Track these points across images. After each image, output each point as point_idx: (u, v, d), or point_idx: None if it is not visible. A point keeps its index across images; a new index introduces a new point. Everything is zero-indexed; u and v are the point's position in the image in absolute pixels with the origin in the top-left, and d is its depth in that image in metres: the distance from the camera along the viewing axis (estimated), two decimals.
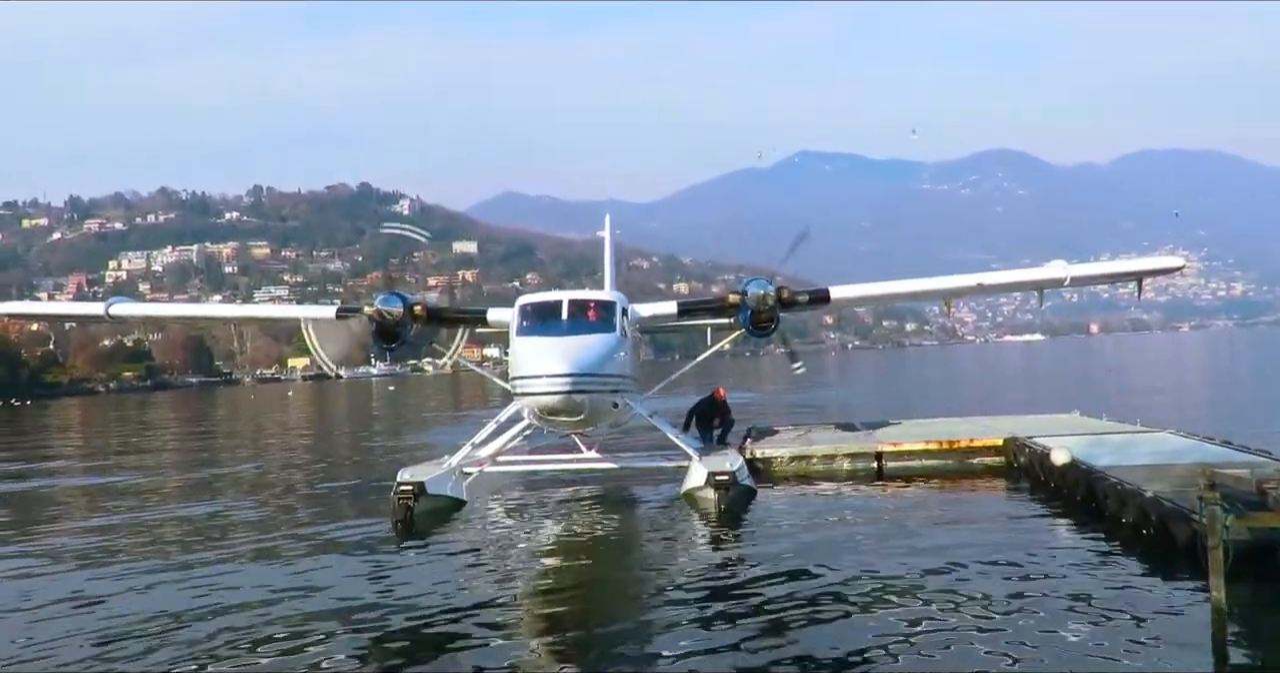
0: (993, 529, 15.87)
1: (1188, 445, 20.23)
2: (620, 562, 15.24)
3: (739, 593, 12.50)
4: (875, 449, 23.10)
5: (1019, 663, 9.54)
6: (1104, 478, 16.41)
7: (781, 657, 10.00)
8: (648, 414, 21.13)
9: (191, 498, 23.72)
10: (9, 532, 19.83)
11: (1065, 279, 22.14)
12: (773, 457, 23.22)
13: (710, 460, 19.90)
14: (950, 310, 25.25)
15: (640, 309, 22.03)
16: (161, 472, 30.91)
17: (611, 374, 18.71)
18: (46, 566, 16.00)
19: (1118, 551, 13.93)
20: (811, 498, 19.84)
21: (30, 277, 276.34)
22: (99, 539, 18.26)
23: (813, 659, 9.88)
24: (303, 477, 27.29)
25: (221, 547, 16.90)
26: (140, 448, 41.59)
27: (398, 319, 19.98)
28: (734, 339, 22.97)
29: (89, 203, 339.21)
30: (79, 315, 33.35)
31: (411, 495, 18.46)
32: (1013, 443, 22.31)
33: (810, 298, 21.57)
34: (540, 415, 18.65)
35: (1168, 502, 13.78)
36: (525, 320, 19.00)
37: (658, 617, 11.66)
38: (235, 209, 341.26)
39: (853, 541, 15.33)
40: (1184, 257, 33.57)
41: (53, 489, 27.39)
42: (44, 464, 36.01)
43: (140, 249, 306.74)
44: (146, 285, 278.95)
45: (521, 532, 17.63)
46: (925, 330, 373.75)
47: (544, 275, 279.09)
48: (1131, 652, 9.69)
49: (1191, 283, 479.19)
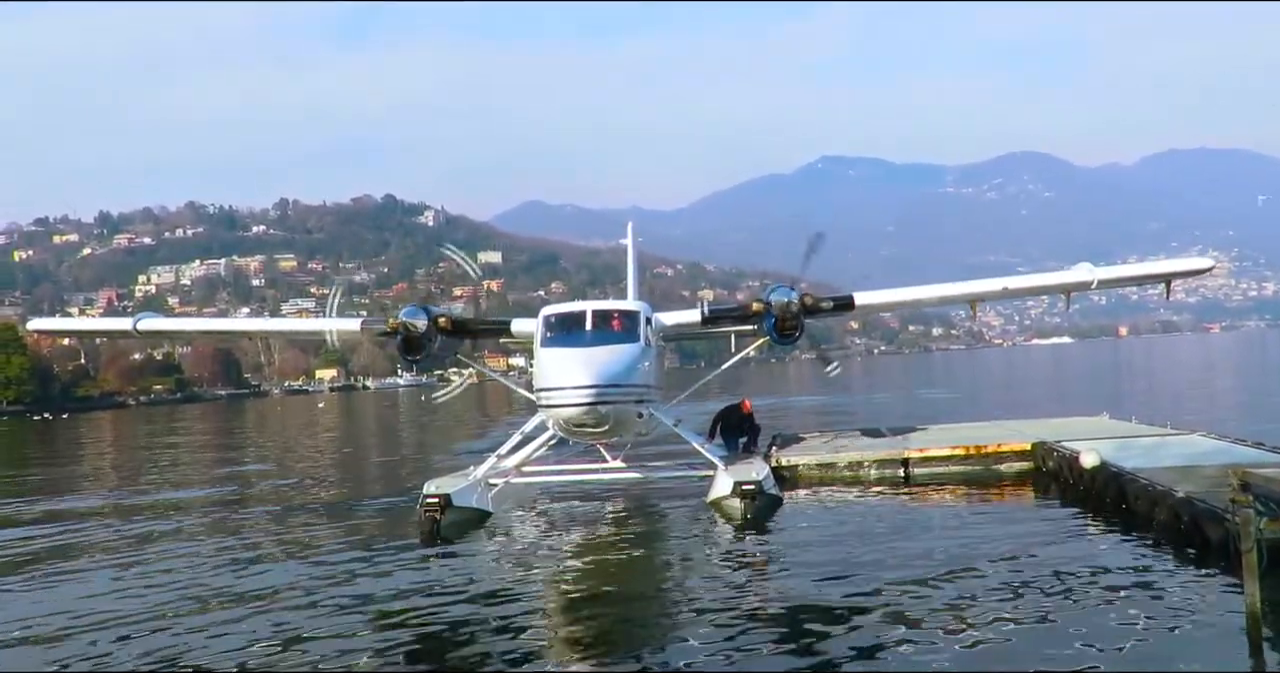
0: (1023, 534, 15.74)
1: (1218, 447, 20.03)
2: (646, 573, 15.18)
3: (766, 603, 12.46)
4: (902, 456, 22.98)
5: (1054, 664, 9.52)
6: (1134, 480, 16.28)
7: (811, 665, 9.97)
8: (672, 423, 21.08)
9: (214, 510, 23.84)
10: (45, 550, 20.00)
11: (1092, 282, 21.93)
12: (799, 464, 23.14)
13: (736, 469, 19.84)
14: (976, 315, 25.06)
15: (664, 318, 21.99)
16: (191, 483, 31.09)
17: (636, 384, 18.65)
18: (84, 573, 16.16)
19: (1150, 552, 13.83)
20: (838, 505, 19.72)
21: (61, 292, 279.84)
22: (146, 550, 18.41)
23: (845, 669, 9.86)
24: (334, 488, 27.42)
25: (249, 553, 17.02)
26: (178, 462, 41.93)
27: (422, 331, 20.07)
28: (759, 346, 22.89)
29: (118, 218, 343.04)
30: (108, 331, 33.62)
31: (438, 508, 18.48)
32: (1041, 447, 22.14)
33: (835, 304, 21.45)
34: (565, 427, 18.62)
35: (1200, 502, 13.66)
36: (549, 331, 18.95)
37: (684, 630, 11.58)
38: (262, 223, 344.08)
39: (880, 548, 15.22)
40: (1213, 257, 33.21)
41: (103, 504, 27.61)
42: (87, 479, 36.32)
43: (169, 263, 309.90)
44: (175, 299, 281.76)
45: (547, 543, 17.61)
46: (952, 334, 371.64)
47: (569, 284, 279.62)
48: (1166, 653, 9.64)
49: (1222, 284, 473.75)
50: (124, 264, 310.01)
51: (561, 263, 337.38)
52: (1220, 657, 9.44)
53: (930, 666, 9.76)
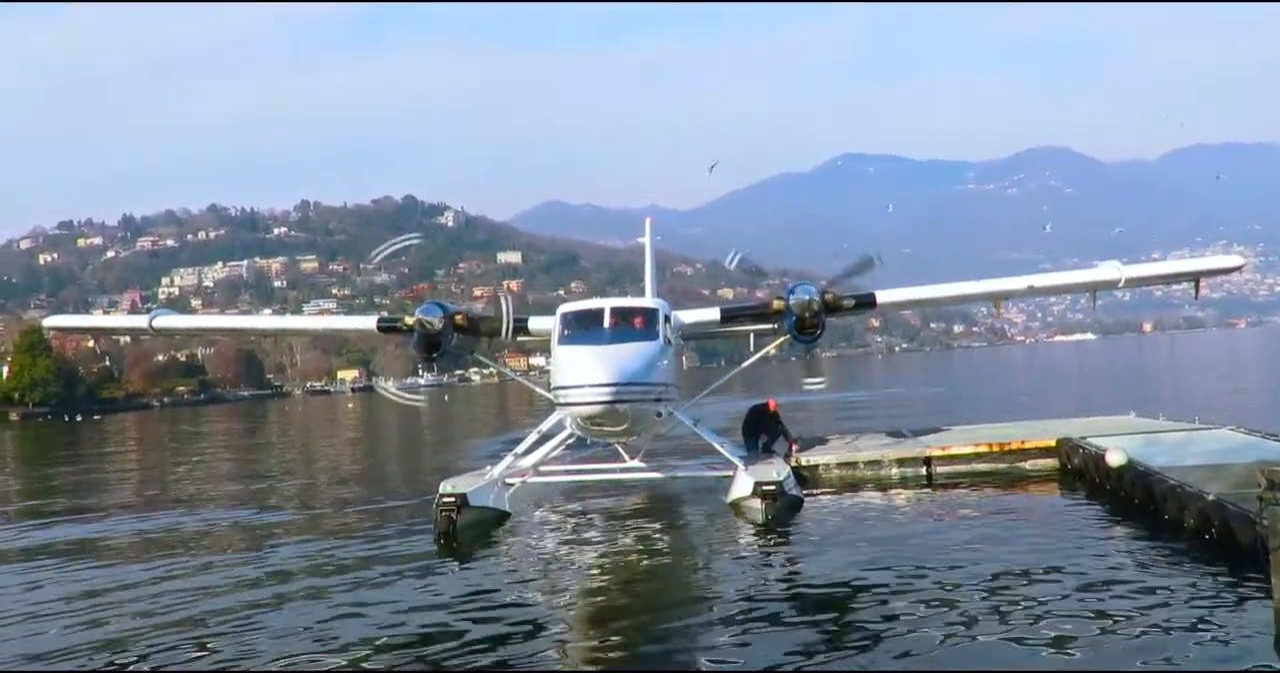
0: (1048, 534, 15.49)
1: (1248, 443, 19.67)
2: (664, 575, 15.00)
3: (786, 605, 12.29)
4: (924, 454, 22.71)
5: (1082, 665, 9.40)
6: (1163, 481, 15.91)
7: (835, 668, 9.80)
8: (691, 422, 20.87)
9: (243, 506, 23.83)
10: (76, 548, 20.02)
11: (1119, 280, 21.55)
12: (819, 464, 22.91)
13: (756, 469, 19.63)
14: (999, 312, 24.65)
15: (683, 316, 21.81)
16: (214, 482, 31.14)
17: (654, 383, 18.47)
18: (115, 572, 16.14)
19: (1180, 555, 13.50)
20: (860, 506, 19.49)
21: (86, 294, 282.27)
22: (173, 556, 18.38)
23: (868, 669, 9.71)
24: (355, 488, 27.39)
25: (264, 555, 16.98)
26: (211, 460, 42.09)
27: (438, 329, 19.95)
28: (779, 345, 22.64)
29: (141, 221, 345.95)
30: (123, 328, 33.82)
31: (454, 507, 18.37)
32: (1066, 444, 21.78)
33: (856, 302, 21.16)
34: (583, 425, 18.46)
35: (1231, 505, 13.29)
36: (567, 329, 18.79)
37: (702, 635, 11.40)
38: (283, 224, 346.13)
39: (902, 548, 15.01)
40: (1239, 252, 32.51)
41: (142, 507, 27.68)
42: (127, 480, 36.47)
43: (192, 266, 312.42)
44: (198, 301, 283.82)
45: (563, 542, 17.49)
46: (973, 332, 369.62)
47: (588, 284, 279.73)
48: (1194, 656, 9.47)
49: (1247, 278, 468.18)
50: (147, 266, 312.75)
51: (581, 262, 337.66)
52: (1248, 660, 9.26)
53: (959, 662, 9.62)
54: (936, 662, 9.79)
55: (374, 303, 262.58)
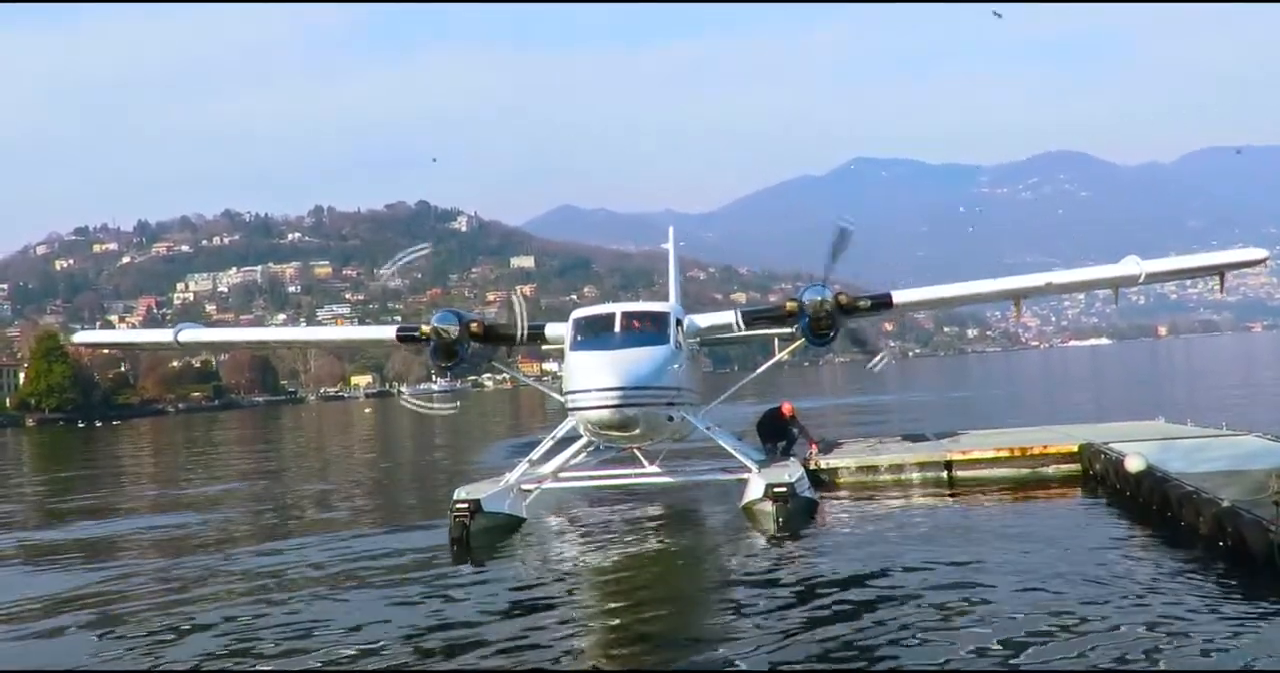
0: (1065, 539, 15.25)
1: (1268, 448, 19.36)
2: (679, 579, 14.83)
3: (798, 609, 12.09)
4: (944, 457, 22.47)
5: (1083, 665, 9.35)
6: (1179, 486, 15.65)
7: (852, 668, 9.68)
8: (706, 427, 20.71)
9: (257, 507, 23.78)
10: (93, 550, 19.98)
11: (1139, 276, 21.11)
12: (838, 467, 22.72)
13: (769, 472, 19.45)
14: (1019, 315, 24.17)
15: (697, 320, 21.65)
16: (227, 483, 31.12)
17: (666, 387, 18.31)
18: (130, 575, 16.08)
19: (1193, 563, 13.21)
20: (878, 509, 19.29)
21: (101, 300, 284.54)
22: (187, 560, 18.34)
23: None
24: (373, 493, 27.31)
25: (277, 560, 16.87)
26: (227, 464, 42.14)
27: (454, 337, 19.87)
28: (794, 349, 22.39)
29: (156, 227, 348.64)
30: (149, 343, 33.70)
31: (468, 513, 18.22)
32: (1088, 449, 21.51)
33: (872, 303, 20.90)
34: (595, 430, 18.33)
35: (1245, 512, 13.01)
36: (579, 334, 18.67)
37: (715, 643, 11.19)
38: (297, 230, 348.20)
39: (919, 552, 14.80)
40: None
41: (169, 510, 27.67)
42: (145, 485, 36.53)
43: (206, 271, 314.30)
44: (213, 307, 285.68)
45: (579, 548, 17.34)
46: (987, 336, 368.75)
47: (601, 289, 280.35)
48: (1198, 663, 9.36)
49: (1264, 282, 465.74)
50: (162, 272, 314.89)
51: (594, 267, 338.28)
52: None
53: (974, 668, 9.49)
54: (948, 664, 9.67)
55: (387, 308, 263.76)
